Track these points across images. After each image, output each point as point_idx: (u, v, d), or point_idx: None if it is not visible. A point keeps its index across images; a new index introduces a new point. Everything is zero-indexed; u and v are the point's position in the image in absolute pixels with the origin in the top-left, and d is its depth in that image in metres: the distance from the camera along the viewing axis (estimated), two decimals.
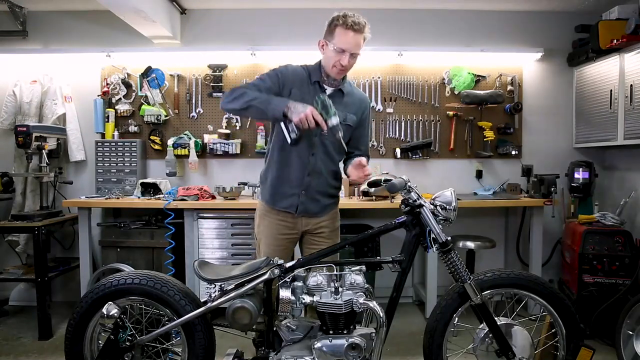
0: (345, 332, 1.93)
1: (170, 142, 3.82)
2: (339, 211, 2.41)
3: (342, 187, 3.54)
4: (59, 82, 3.84)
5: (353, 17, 2.07)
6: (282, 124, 2.07)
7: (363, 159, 2.19)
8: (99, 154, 3.77)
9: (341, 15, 2.08)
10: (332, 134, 2.00)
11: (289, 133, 2.06)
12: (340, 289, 1.93)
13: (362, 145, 2.37)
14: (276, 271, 1.92)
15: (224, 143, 3.83)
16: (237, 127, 3.91)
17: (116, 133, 3.86)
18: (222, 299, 1.92)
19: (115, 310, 1.90)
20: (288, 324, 1.95)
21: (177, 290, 1.97)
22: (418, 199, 1.98)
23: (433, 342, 2.02)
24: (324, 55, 2.17)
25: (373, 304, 1.90)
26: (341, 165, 2.38)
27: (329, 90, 2.20)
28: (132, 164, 3.77)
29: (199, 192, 3.50)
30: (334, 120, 1.96)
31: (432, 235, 1.96)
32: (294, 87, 2.15)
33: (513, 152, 3.86)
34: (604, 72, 3.49)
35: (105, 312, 1.89)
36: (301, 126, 1.98)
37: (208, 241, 3.46)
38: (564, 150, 3.98)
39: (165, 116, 3.88)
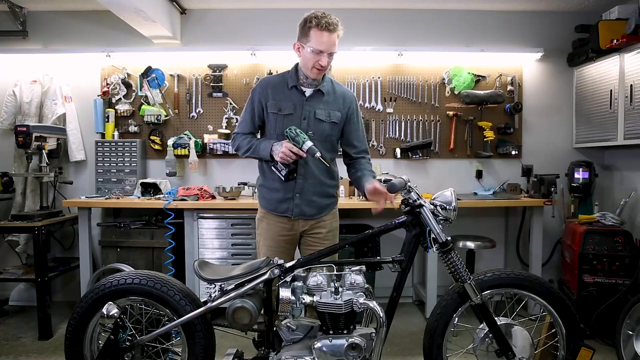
0: (345, 332, 1.94)
1: (170, 142, 3.82)
2: (339, 211, 2.41)
3: (342, 187, 3.58)
4: (59, 82, 3.84)
5: (326, 18, 2.09)
6: (273, 167, 2.20)
7: (376, 184, 2.14)
8: (99, 154, 3.77)
9: (313, 16, 2.10)
10: (311, 156, 2.07)
11: (279, 172, 2.18)
12: (340, 289, 1.93)
13: (355, 140, 2.35)
14: (276, 271, 1.93)
15: (224, 143, 3.83)
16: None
17: (116, 133, 3.86)
18: (222, 299, 1.92)
19: (115, 310, 1.90)
20: (288, 324, 1.95)
21: (177, 290, 1.97)
22: (418, 199, 1.98)
23: (433, 342, 2.02)
24: (301, 58, 2.19)
25: (373, 304, 1.90)
26: (342, 171, 2.41)
27: (308, 91, 2.23)
28: (132, 164, 3.77)
29: (199, 192, 3.50)
30: (308, 144, 2.05)
31: (432, 235, 1.96)
32: (269, 100, 2.22)
33: (513, 152, 3.86)
34: (604, 72, 3.49)
35: (105, 312, 1.89)
36: (286, 162, 2.10)
37: (208, 241, 3.46)
38: (564, 150, 3.98)
39: (165, 116, 3.88)
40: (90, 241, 3.47)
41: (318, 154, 2.04)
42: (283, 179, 2.17)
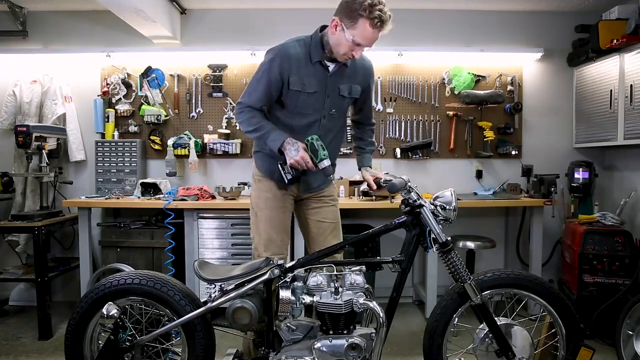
0: (345, 332, 1.93)
1: (170, 142, 3.82)
2: (340, 211, 2.42)
3: (342, 186, 3.58)
4: (59, 82, 3.84)
5: (382, 13, 1.90)
6: (279, 165, 2.09)
7: (370, 181, 2.24)
8: (99, 154, 3.77)
9: (367, 3, 1.88)
10: (323, 174, 2.05)
11: (284, 173, 2.08)
12: (340, 289, 1.93)
13: (368, 111, 2.40)
14: (276, 271, 1.92)
15: (224, 143, 3.83)
16: (237, 127, 3.91)
17: (116, 133, 3.86)
18: (222, 299, 1.92)
19: (115, 311, 1.90)
20: (288, 324, 1.95)
21: (177, 290, 1.97)
22: (418, 199, 1.98)
23: (433, 342, 2.02)
24: (334, 37, 2.00)
25: (373, 304, 1.90)
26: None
27: (331, 66, 2.11)
28: (132, 164, 3.77)
29: (199, 192, 3.50)
30: (325, 163, 1.99)
31: (432, 236, 1.96)
32: (291, 75, 2.05)
33: (513, 152, 3.86)
34: (604, 72, 3.49)
35: (105, 312, 1.89)
36: (297, 168, 2.03)
37: (208, 241, 3.46)
38: (564, 150, 3.98)
39: (165, 116, 3.88)
40: (90, 241, 3.46)
41: (332, 176, 2.05)
42: (286, 181, 2.10)
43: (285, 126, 2.14)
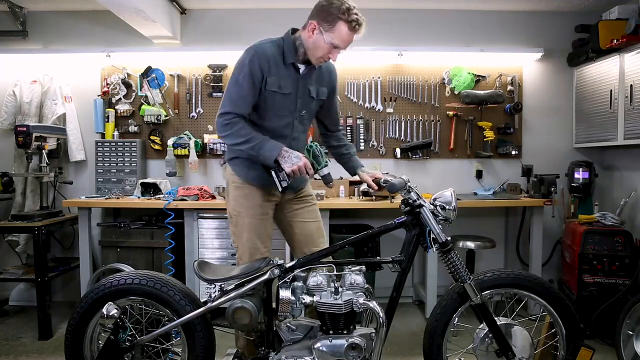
0: (345, 332, 1.93)
1: (170, 142, 3.82)
2: (339, 211, 2.42)
3: (342, 186, 3.58)
4: (59, 82, 3.84)
5: (357, 15, 1.98)
6: (273, 172, 2.01)
7: (369, 181, 2.24)
8: (99, 154, 3.77)
9: (344, 7, 1.96)
10: (324, 181, 2.04)
11: (279, 181, 2.00)
12: (340, 289, 1.93)
13: (335, 115, 2.39)
14: (276, 271, 1.92)
15: (224, 143, 3.82)
16: None
17: (116, 133, 3.86)
18: (222, 299, 1.92)
19: (115, 311, 1.90)
20: (288, 324, 1.95)
21: (177, 290, 1.97)
22: (418, 199, 1.98)
23: (433, 342, 2.02)
24: (311, 40, 2.03)
25: (373, 304, 1.90)
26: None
27: (302, 68, 2.12)
28: (132, 164, 3.77)
29: (199, 192, 3.50)
30: (325, 170, 2.00)
31: (432, 235, 1.96)
32: (269, 75, 2.03)
33: (513, 152, 3.86)
34: (604, 72, 3.49)
35: (105, 312, 1.89)
36: (292, 176, 1.99)
37: (208, 241, 3.45)
38: (564, 150, 3.98)
39: (165, 116, 3.88)
40: (90, 241, 3.46)
41: (331, 184, 2.05)
42: (280, 189, 2.03)
43: (259, 128, 2.10)
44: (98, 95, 3.88)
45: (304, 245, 2.29)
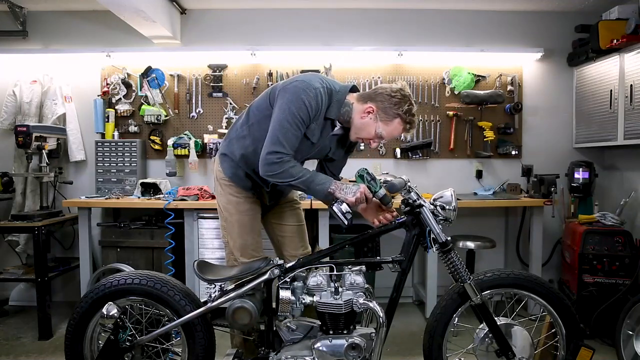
0: (345, 332, 1.94)
1: (170, 142, 3.82)
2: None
3: None
4: (59, 82, 3.84)
5: (414, 117, 2.02)
6: (335, 207, 1.91)
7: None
8: (99, 154, 3.77)
9: (408, 109, 1.99)
10: (384, 203, 1.99)
11: (343, 214, 1.90)
12: (340, 289, 1.93)
13: (341, 169, 2.41)
14: (276, 271, 1.93)
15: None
16: None
17: (116, 133, 3.86)
18: (222, 299, 1.92)
19: (115, 311, 1.90)
20: (288, 324, 1.95)
21: (177, 290, 1.97)
22: (418, 199, 1.98)
23: (433, 342, 2.02)
24: (362, 120, 2.01)
25: (373, 304, 1.90)
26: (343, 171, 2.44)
27: (337, 128, 2.10)
28: (132, 164, 3.77)
29: (199, 192, 3.50)
30: (382, 192, 1.96)
31: (432, 235, 1.96)
32: (312, 122, 1.98)
33: (513, 152, 3.86)
34: (604, 72, 3.49)
35: (105, 312, 1.89)
36: (356, 205, 1.93)
37: (208, 241, 3.45)
38: (564, 150, 3.98)
39: (165, 116, 3.88)
40: (90, 241, 3.46)
41: (390, 204, 2.01)
42: (346, 223, 1.92)
43: (260, 144, 2.02)
44: (98, 95, 3.88)
45: (283, 247, 2.34)
